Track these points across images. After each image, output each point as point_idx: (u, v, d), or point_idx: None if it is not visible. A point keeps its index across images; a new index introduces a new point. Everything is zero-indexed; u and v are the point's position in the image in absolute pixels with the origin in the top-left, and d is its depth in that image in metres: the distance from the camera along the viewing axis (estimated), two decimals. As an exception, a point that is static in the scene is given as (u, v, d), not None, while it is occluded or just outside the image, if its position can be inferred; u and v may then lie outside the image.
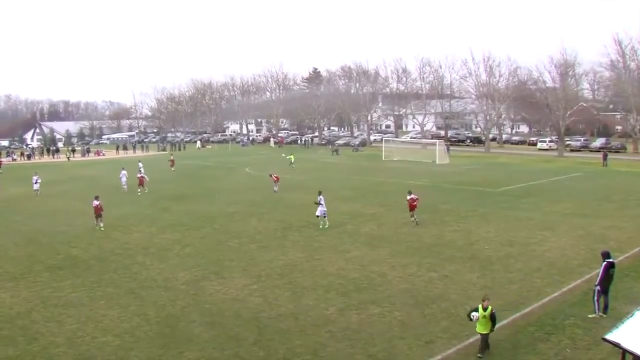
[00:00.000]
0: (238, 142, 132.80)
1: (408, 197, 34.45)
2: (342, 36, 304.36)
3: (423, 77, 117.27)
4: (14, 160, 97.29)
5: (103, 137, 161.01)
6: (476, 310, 15.79)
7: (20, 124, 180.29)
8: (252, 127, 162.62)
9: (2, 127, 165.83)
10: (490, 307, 15.74)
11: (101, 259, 27.50)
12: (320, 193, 34.09)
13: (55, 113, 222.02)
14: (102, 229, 33.99)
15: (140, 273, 25.00)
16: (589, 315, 18.64)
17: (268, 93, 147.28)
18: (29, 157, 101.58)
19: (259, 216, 37.34)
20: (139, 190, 49.59)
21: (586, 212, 37.63)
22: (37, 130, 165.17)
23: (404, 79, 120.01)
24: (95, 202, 34.64)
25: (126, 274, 24.83)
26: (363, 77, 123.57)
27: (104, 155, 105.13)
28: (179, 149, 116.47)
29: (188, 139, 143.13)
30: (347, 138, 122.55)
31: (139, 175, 51.06)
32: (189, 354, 16.54)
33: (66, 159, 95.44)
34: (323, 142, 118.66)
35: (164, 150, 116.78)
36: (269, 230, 32.60)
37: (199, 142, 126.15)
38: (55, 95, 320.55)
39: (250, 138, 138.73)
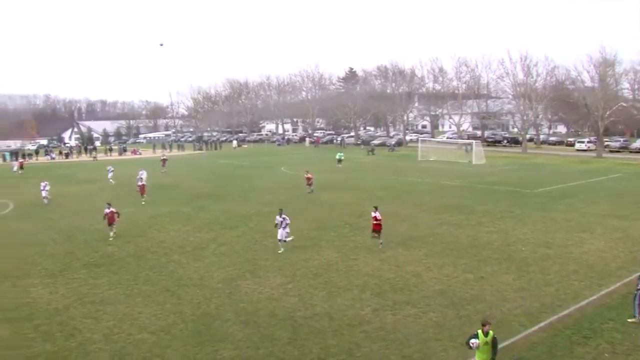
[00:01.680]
0: (274, 141, 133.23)
1: (372, 215, 29.33)
2: (378, 36, 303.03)
3: (459, 77, 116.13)
4: (52, 159, 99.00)
5: (140, 136, 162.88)
6: (476, 336, 13.80)
7: (58, 123, 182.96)
8: (288, 126, 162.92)
9: (42, 126, 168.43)
10: (491, 332, 13.90)
11: (138, 257, 27.93)
12: (281, 212, 29.26)
13: (93, 112, 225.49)
14: (112, 237, 31.74)
15: (176, 271, 25.32)
16: (629, 320, 18.31)
17: (304, 92, 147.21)
18: (67, 155, 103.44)
19: (294, 216, 37.23)
20: (142, 199, 45.21)
21: (625, 214, 36.93)
22: (75, 129, 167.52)
23: (440, 78, 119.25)
24: (107, 210, 32.14)
25: (162, 272, 25.18)
26: (399, 77, 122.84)
27: (140, 154, 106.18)
28: (215, 148, 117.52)
29: (224, 139, 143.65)
30: (383, 138, 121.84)
31: (140, 184, 46.87)
32: (223, 352, 16.68)
33: (92, 159, 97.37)
34: (358, 143, 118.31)
35: (200, 149, 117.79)
36: (304, 230, 32.65)
37: (235, 141, 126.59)
38: (93, 95, 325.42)
39: (286, 138, 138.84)
